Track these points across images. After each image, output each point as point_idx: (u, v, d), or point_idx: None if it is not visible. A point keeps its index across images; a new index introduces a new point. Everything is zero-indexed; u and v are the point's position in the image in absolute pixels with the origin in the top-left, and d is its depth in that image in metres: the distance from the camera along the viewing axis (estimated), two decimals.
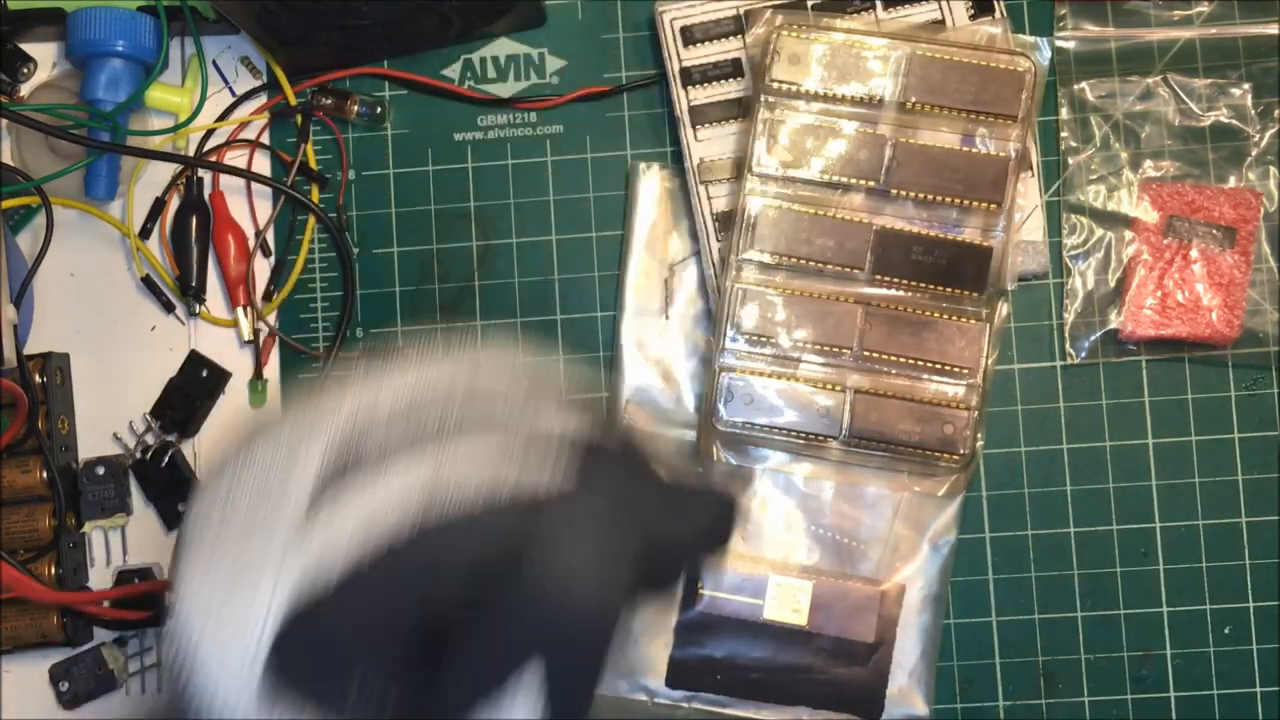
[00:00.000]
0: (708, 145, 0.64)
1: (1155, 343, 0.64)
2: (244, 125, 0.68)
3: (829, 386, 0.61)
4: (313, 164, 0.67)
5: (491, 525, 0.37)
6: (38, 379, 0.64)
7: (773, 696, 0.63)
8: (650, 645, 0.64)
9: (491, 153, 0.68)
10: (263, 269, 0.67)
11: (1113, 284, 0.64)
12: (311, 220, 0.67)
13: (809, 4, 0.64)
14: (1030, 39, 0.62)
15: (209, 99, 0.68)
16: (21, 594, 0.60)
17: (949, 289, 0.61)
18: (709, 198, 0.64)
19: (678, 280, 0.66)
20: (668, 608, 0.64)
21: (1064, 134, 0.65)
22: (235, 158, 0.68)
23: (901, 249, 0.61)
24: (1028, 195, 0.63)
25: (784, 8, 0.64)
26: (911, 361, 0.61)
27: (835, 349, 0.61)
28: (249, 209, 0.67)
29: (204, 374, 0.66)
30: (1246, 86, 0.65)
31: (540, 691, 0.39)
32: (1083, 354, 0.65)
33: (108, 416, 0.67)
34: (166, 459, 0.66)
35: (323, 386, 0.40)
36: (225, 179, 0.67)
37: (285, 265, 0.67)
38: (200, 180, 0.67)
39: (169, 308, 0.67)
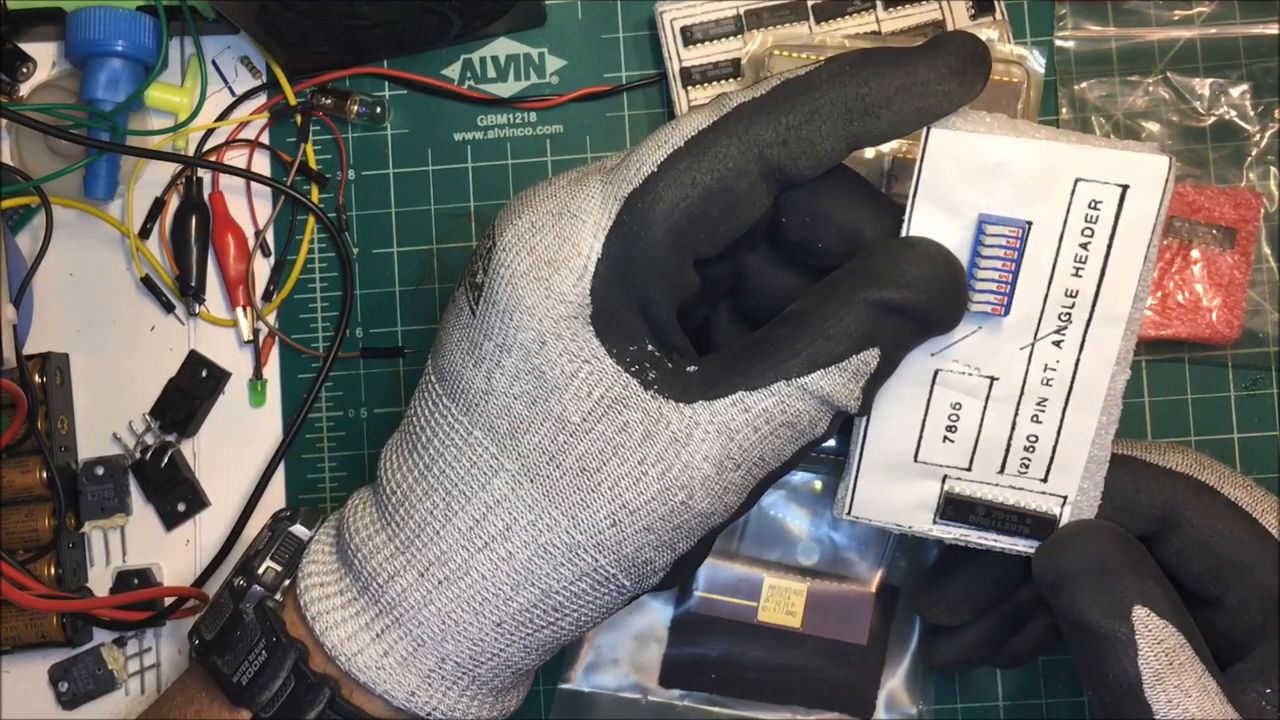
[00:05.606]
0: None
1: (1155, 343, 0.64)
2: (243, 125, 0.68)
3: None
4: (312, 164, 0.67)
5: None
6: (37, 379, 0.64)
7: (766, 696, 0.63)
8: (644, 644, 0.64)
9: (491, 152, 0.67)
10: (262, 269, 0.67)
11: None
12: (311, 220, 0.67)
13: (809, 4, 0.64)
14: (1022, 50, 0.62)
15: (208, 99, 0.68)
16: (19, 603, 0.60)
17: None
18: None
19: None
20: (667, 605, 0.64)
21: None
22: (235, 157, 0.68)
23: None
24: None
25: (784, 8, 0.64)
26: None
27: None
28: (249, 209, 0.67)
29: (203, 374, 0.66)
30: (1247, 86, 0.65)
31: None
32: None
33: (107, 416, 0.67)
34: (166, 459, 0.66)
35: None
36: (225, 179, 0.67)
37: (285, 265, 0.67)
38: (200, 180, 0.67)
39: (169, 308, 0.67)
